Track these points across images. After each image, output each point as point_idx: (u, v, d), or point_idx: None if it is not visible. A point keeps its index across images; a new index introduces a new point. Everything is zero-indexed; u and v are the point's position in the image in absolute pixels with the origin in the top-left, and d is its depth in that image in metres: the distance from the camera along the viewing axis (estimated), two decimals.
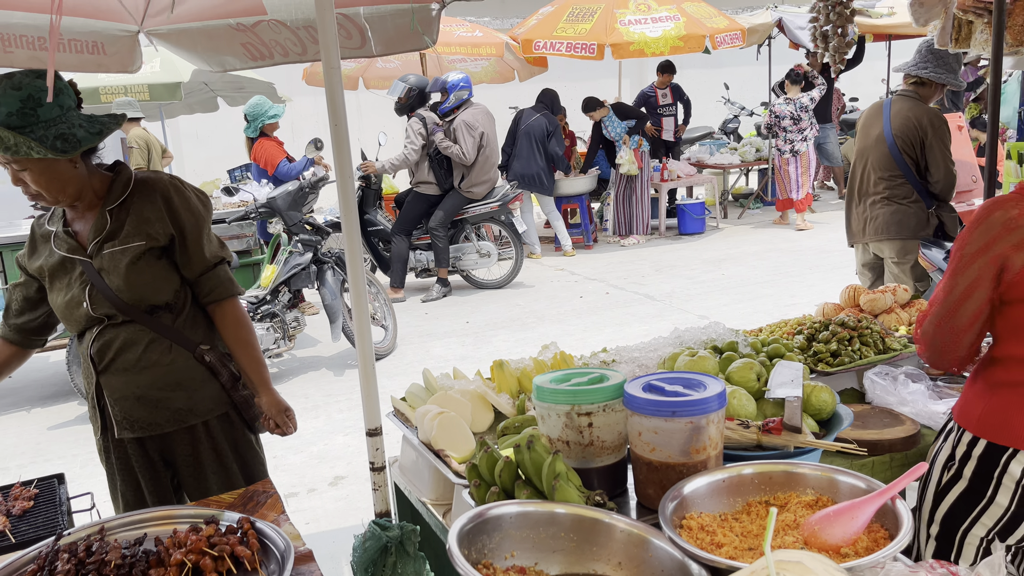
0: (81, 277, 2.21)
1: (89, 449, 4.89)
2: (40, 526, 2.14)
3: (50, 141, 2.00)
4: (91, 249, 2.20)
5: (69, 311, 2.25)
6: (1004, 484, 1.79)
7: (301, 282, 6.03)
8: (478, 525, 1.52)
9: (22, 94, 1.99)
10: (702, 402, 1.74)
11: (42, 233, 2.30)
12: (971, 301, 1.77)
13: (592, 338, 6.31)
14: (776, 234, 10.06)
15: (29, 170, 2.06)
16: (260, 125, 7.57)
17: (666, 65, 10.62)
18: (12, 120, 1.98)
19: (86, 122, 2.09)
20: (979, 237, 1.76)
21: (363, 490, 4.18)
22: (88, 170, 2.18)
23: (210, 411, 2.32)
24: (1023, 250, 1.70)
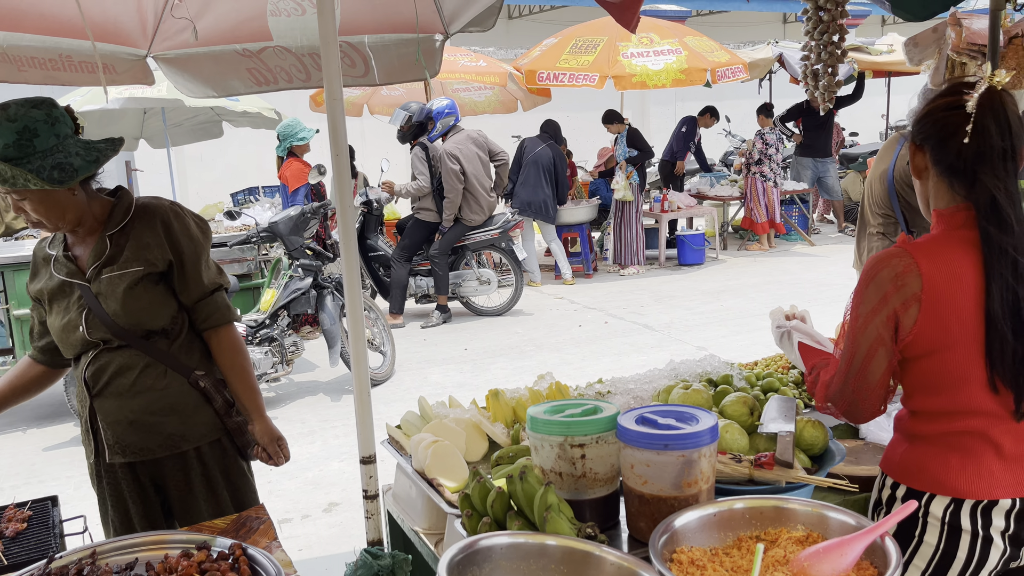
0: (79, 301, 2.23)
1: (83, 471, 4.84)
2: (32, 548, 2.13)
3: (47, 172, 2.01)
4: (90, 274, 2.22)
5: (66, 335, 2.26)
6: (930, 524, 1.74)
7: (301, 306, 6.05)
8: (468, 556, 1.52)
9: (17, 125, 2.00)
10: (694, 436, 1.75)
11: (43, 256, 2.32)
12: (877, 359, 1.70)
13: (590, 367, 6.32)
14: (775, 266, 10.10)
15: (28, 199, 2.07)
16: (288, 145, 7.65)
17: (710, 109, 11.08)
18: (8, 152, 1.99)
19: (83, 150, 2.10)
20: (871, 296, 1.69)
21: (357, 517, 4.15)
22: (88, 196, 2.20)
23: (202, 437, 2.32)
24: (911, 308, 1.64)
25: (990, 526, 1.70)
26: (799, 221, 11.71)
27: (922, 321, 1.65)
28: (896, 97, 13.06)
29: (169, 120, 9.07)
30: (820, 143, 11.55)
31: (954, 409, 1.70)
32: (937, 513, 1.72)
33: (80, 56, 2.91)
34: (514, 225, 8.31)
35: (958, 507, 1.70)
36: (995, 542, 1.70)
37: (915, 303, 1.64)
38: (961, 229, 1.68)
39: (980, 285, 1.63)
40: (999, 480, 1.69)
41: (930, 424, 1.75)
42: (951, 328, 1.64)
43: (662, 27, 9.48)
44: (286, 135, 7.66)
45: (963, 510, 1.70)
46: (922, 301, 1.64)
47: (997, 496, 1.68)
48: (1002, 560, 1.73)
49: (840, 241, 11.54)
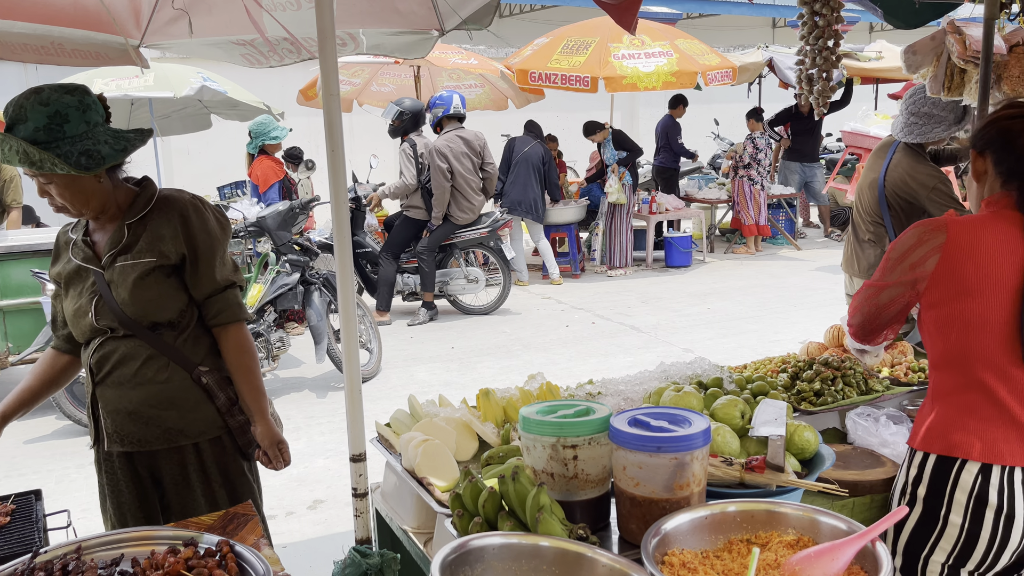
0: (92, 287, 2.22)
1: (64, 464, 4.83)
2: (15, 542, 2.11)
3: (75, 158, 2.01)
4: (105, 260, 2.22)
5: (76, 320, 2.26)
6: (956, 500, 1.87)
7: (288, 302, 6.02)
8: (461, 556, 1.52)
9: (49, 110, 2.01)
10: (687, 438, 1.75)
11: (65, 240, 2.32)
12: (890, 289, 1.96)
13: (577, 368, 6.32)
14: (761, 270, 10.15)
15: (54, 183, 2.08)
16: (261, 143, 7.60)
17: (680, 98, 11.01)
18: (39, 135, 2.00)
19: (112, 138, 2.10)
20: (901, 244, 1.94)
21: (342, 514, 4.14)
22: (113, 184, 2.20)
23: (202, 433, 2.30)
24: (936, 254, 1.86)
25: (1014, 498, 1.82)
26: (786, 225, 11.77)
27: (939, 268, 1.86)
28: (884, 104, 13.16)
29: (156, 111, 8.99)
30: (808, 148, 11.62)
31: (968, 354, 1.86)
32: (967, 485, 1.85)
33: (72, 44, 2.89)
34: (503, 224, 8.30)
35: (987, 476, 1.83)
36: (1017, 518, 1.82)
37: (936, 253, 1.86)
38: (1006, 209, 1.88)
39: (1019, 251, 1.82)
40: (1016, 445, 1.83)
41: (947, 375, 1.92)
42: (967, 277, 1.82)
43: (654, 29, 9.50)
44: (258, 133, 7.62)
45: (991, 480, 1.83)
46: (942, 252, 1.85)
47: (1017, 463, 1.82)
48: (1023, 540, 1.85)
49: (826, 246, 11.62)
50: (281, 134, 7.70)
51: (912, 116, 3.70)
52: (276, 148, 7.76)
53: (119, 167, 2.22)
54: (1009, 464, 1.82)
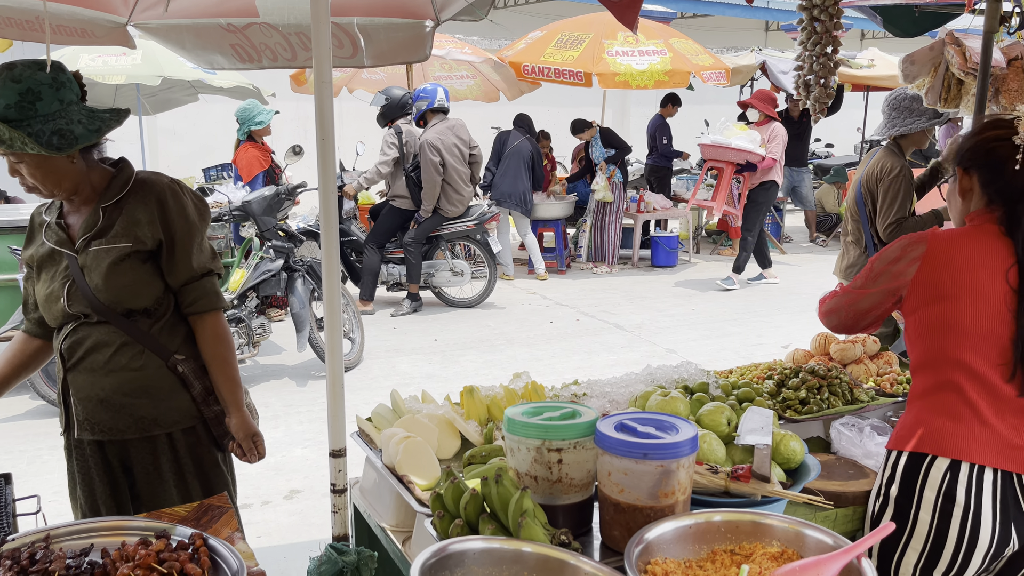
0: (65, 271, 2.16)
1: (37, 446, 4.75)
2: None
3: (46, 137, 1.95)
4: (79, 244, 2.15)
5: (48, 305, 2.20)
6: (925, 498, 1.90)
7: (270, 288, 5.95)
8: (441, 560, 1.48)
9: (21, 87, 1.94)
10: (674, 446, 1.72)
11: (39, 222, 2.25)
12: (871, 296, 2.07)
13: (561, 364, 6.30)
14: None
15: (25, 163, 2.01)
16: (247, 129, 7.50)
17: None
18: (9, 113, 1.93)
19: (86, 118, 2.03)
20: (891, 253, 2.03)
21: (318, 506, 4.10)
22: (87, 164, 2.13)
23: (175, 423, 2.25)
24: (915, 264, 1.96)
25: (982, 497, 1.84)
26: (771, 229, 11.79)
27: (918, 275, 1.96)
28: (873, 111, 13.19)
29: (143, 89, 8.87)
30: (796, 152, 11.64)
31: (941, 355, 1.93)
32: (935, 481, 1.88)
33: (57, 20, 2.81)
34: (490, 217, 8.25)
35: (955, 473, 1.86)
36: (984, 519, 1.84)
37: (916, 263, 1.96)
38: (988, 223, 1.96)
39: (1002, 258, 1.90)
40: (984, 446, 1.86)
41: (922, 376, 1.99)
42: (943, 283, 1.91)
43: (648, 27, 9.47)
44: (244, 119, 7.51)
45: (959, 477, 1.86)
46: (921, 261, 1.95)
47: (986, 462, 1.85)
48: (992, 543, 1.85)
49: (811, 251, 11.66)
50: (266, 117, 7.60)
51: (893, 111, 3.81)
52: (264, 133, 7.65)
53: (94, 147, 2.15)
54: (978, 463, 1.86)
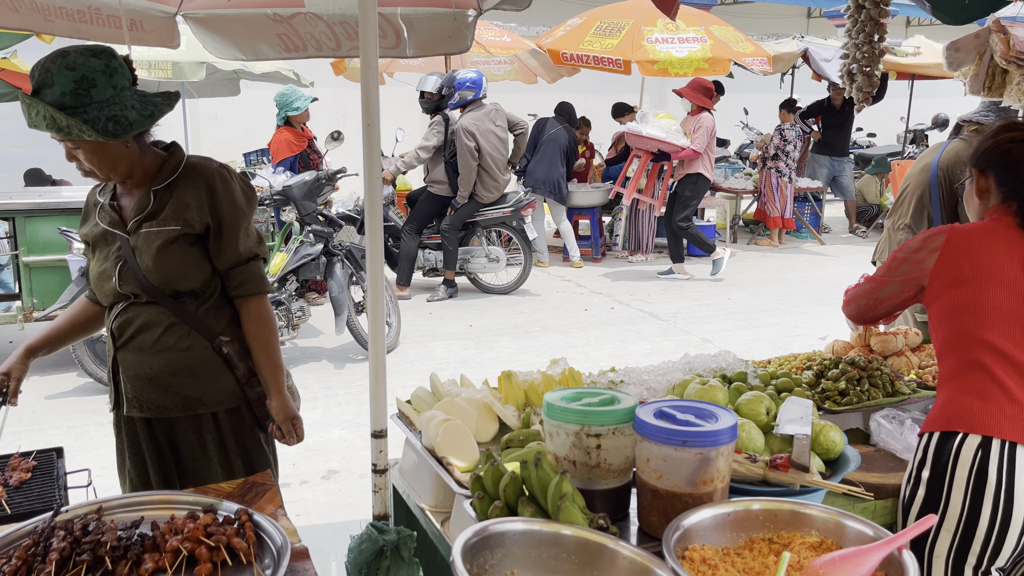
0: (117, 252, 2.22)
1: (84, 422, 4.89)
2: (35, 499, 2.13)
3: (101, 124, 1.99)
4: (130, 226, 2.20)
5: (100, 283, 2.26)
6: (957, 478, 1.91)
7: (310, 272, 6.03)
8: (482, 540, 1.51)
9: (76, 74, 1.98)
10: (714, 434, 1.73)
11: (93, 202, 2.31)
12: (891, 285, 2.16)
13: (595, 352, 6.31)
14: (784, 262, 10.06)
15: (82, 149, 2.06)
16: (285, 115, 7.58)
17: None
18: (65, 100, 1.97)
19: (139, 103, 2.07)
20: (912, 244, 2.11)
21: (355, 486, 4.17)
22: (140, 149, 2.18)
23: (220, 403, 2.30)
24: (934, 254, 2.04)
25: (1014, 475, 1.85)
26: (811, 219, 11.65)
27: (938, 264, 2.04)
28: (918, 100, 12.93)
29: None
30: (838, 142, 11.48)
31: (966, 334, 1.97)
32: (967, 459, 1.89)
33: (108, 10, 2.86)
34: (526, 204, 8.27)
35: (987, 451, 1.88)
36: (1017, 498, 1.84)
37: (935, 253, 2.05)
38: (1005, 216, 2.04)
39: (1018, 247, 1.98)
40: (1015, 423, 1.88)
41: (949, 359, 2.03)
42: (963, 269, 1.99)
43: (689, 14, 9.37)
44: (282, 104, 7.58)
45: (991, 454, 1.87)
46: (941, 251, 2.04)
47: (1017, 439, 1.87)
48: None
49: (850, 242, 11.49)
50: (304, 104, 7.66)
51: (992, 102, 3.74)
52: (301, 119, 7.72)
53: (146, 132, 2.20)
54: (1009, 439, 1.88)
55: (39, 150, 10.78)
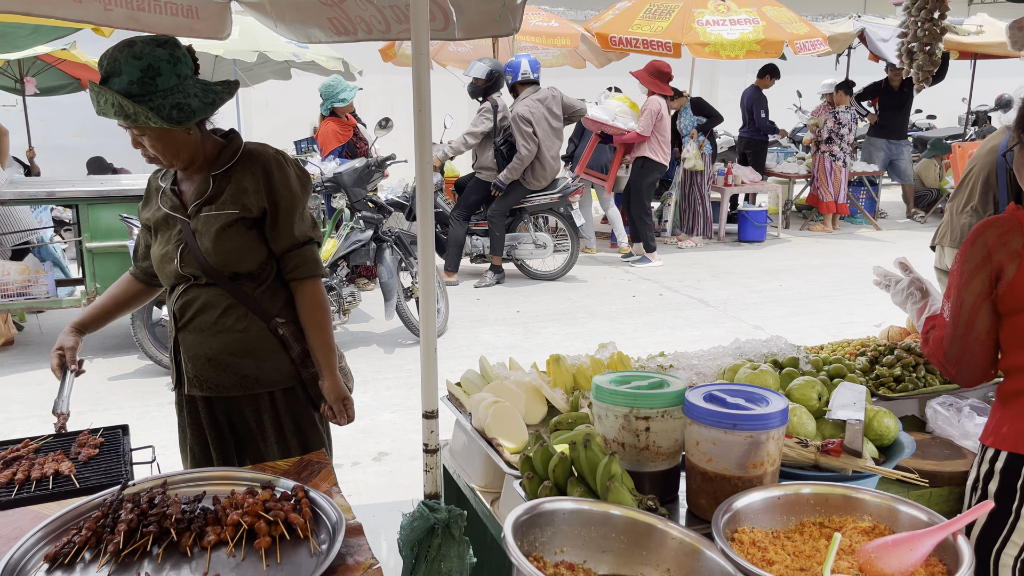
0: (178, 235, 2.29)
1: (146, 402, 5.05)
2: (103, 474, 2.22)
3: (166, 111, 2.06)
4: (191, 210, 2.27)
5: (162, 266, 2.34)
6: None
7: (360, 258, 6.12)
8: (532, 518, 1.53)
9: (142, 63, 2.04)
10: (764, 417, 1.72)
11: (155, 187, 2.39)
12: (982, 314, 1.84)
13: (643, 339, 6.28)
14: (838, 248, 9.86)
15: (147, 136, 2.13)
16: (330, 106, 7.67)
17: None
18: (132, 88, 2.04)
19: (201, 91, 2.14)
20: (977, 252, 1.84)
21: (405, 468, 4.24)
22: (201, 135, 2.25)
23: (276, 383, 2.36)
24: (1015, 260, 1.78)
25: None
26: (866, 204, 11.38)
27: (1019, 276, 1.75)
28: (981, 81, 12.49)
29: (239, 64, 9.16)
30: (896, 124, 11.17)
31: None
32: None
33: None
34: (574, 190, 8.24)
35: None
36: None
37: (1016, 259, 1.76)
38: None
39: None
40: None
41: (1017, 379, 1.86)
42: None
43: None
44: (327, 95, 7.66)
45: None
46: (1023, 257, 1.75)
47: None
48: None
49: (907, 227, 11.20)
50: (349, 95, 7.74)
51: None
52: (347, 109, 7.81)
53: (207, 119, 2.26)
54: None
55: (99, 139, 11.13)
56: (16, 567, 1.60)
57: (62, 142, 11.95)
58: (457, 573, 2.01)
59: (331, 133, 7.69)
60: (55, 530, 1.74)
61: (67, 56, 8.19)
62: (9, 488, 2.11)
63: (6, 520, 1.85)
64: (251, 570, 1.62)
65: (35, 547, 1.68)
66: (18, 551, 1.63)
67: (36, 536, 1.70)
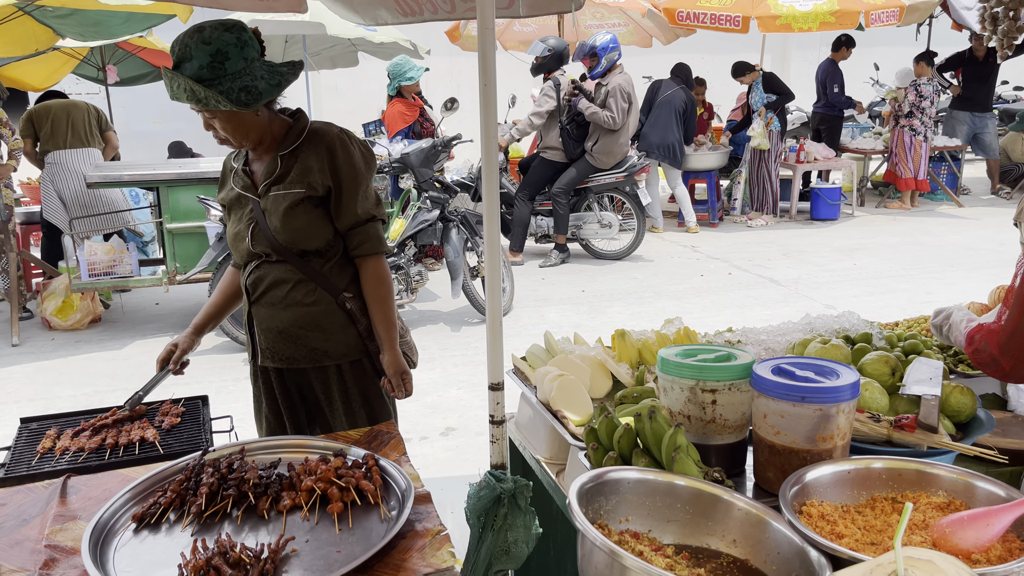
0: (249, 214, 2.37)
1: (223, 377, 5.24)
2: (185, 441, 2.33)
3: (235, 94, 2.12)
4: (261, 190, 2.35)
5: (235, 244, 2.43)
6: None
7: (427, 238, 6.20)
8: (597, 486, 1.55)
9: (211, 48, 2.11)
10: (834, 390, 1.69)
11: (229, 168, 2.48)
12: None
13: (711, 318, 6.20)
14: (916, 226, 9.52)
15: (217, 118, 2.20)
16: (397, 85, 7.75)
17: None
18: (202, 73, 2.11)
19: (267, 73, 2.19)
20: None
21: (472, 443, 4.30)
22: (269, 116, 2.31)
23: (344, 356, 2.43)
24: None
25: None
26: (947, 180, 10.93)
27: None
28: None
29: (309, 48, 9.33)
30: (980, 96, 10.68)
31: None
32: None
33: None
34: (640, 169, 8.15)
35: None
36: None
37: None
38: None
39: None
40: None
41: None
42: None
43: None
44: (395, 74, 7.73)
45: None
46: None
47: None
48: None
49: (992, 204, 10.73)
50: (416, 74, 7.81)
51: None
52: (413, 89, 7.88)
53: (274, 100, 2.32)
54: None
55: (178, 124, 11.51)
56: (107, 525, 1.70)
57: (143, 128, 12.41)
58: (523, 543, 2.03)
59: (397, 114, 7.78)
60: (142, 492, 1.83)
61: (145, 44, 8.46)
62: (100, 453, 2.24)
63: (97, 482, 1.95)
64: (324, 534, 1.68)
65: (123, 507, 1.77)
66: (108, 510, 1.73)
67: (124, 497, 1.79)
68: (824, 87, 10.42)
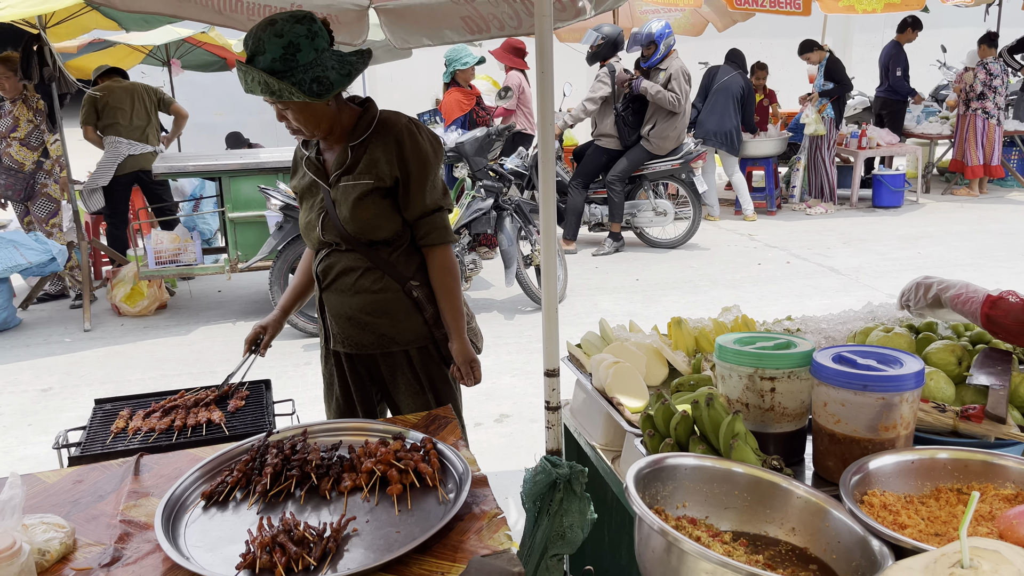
0: (320, 203, 2.42)
1: (284, 363, 5.37)
2: (249, 423, 2.41)
3: (307, 85, 2.15)
4: (331, 179, 2.39)
5: (307, 232, 2.49)
6: None
7: (481, 226, 6.23)
8: (654, 472, 1.55)
9: (284, 41, 2.14)
10: (897, 379, 1.66)
11: (300, 156, 2.52)
12: None
13: (768, 307, 6.11)
14: (984, 214, 9.21)
15: (290, 109, 2.24)
16: (452, 71, 7.80)
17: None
18: (275, 66, 2.14)
19: (338, 63, 2.21)
20: None
21: (526, 430, 4.32)
22: (339, 105, 2.34)
23: (411, 342, 2.47)
24: None
25: None
26: (1018, 166, 10.53)
27: None
28: None
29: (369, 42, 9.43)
30: None
31: None
32: None
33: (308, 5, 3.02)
34: (696, 156, 8.04)
35: None
36: None
37: None
38: None
39: None
40: None
41: None
42: None
43: None
44: (451, 60, 7.79)
45: None
46: None
47: None
48: None
49: None
50: (471, 59, 7.85)
51: None
52: (468, 75, 7.91)
53: (344, 89, 2.35)
54: None
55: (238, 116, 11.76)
56: (178, 502, 1.77)
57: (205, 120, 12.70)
58: (578, 528, 2.05)
59: (454, 103, 7.83)
60: (210, 471, 1.90)
61: (207, 39, 8.67)
62: (169, 434, 2.33)
63: (168, 461, 2.03)
64: (384, 515, 1.72)
65: (193, 485, 1.84)
66: (179, 488, 1.80)
67: (194, 475, 1.86)
68: (887, 70, 10.12)
